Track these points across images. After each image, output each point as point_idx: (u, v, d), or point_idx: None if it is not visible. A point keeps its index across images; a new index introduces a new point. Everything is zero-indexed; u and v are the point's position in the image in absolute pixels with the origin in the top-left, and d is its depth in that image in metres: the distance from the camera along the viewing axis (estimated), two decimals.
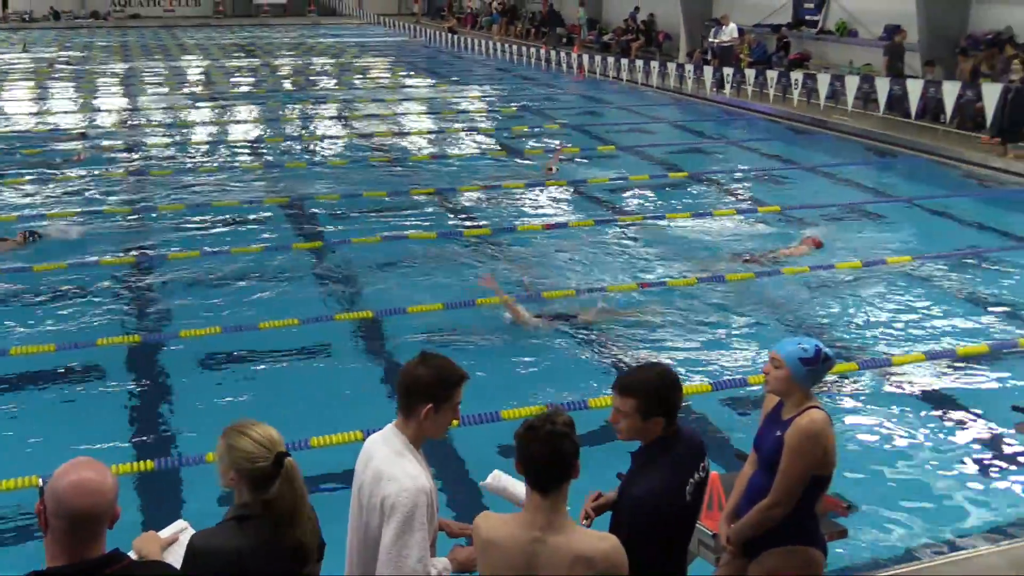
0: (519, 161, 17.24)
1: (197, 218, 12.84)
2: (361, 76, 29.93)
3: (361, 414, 7.06)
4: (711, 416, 7.44)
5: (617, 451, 4.06)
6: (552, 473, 3.19)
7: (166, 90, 26.10)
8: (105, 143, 18.27)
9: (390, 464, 3.45)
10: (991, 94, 16.52)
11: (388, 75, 30.56)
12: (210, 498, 5.62)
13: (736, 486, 4.22)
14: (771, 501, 3.91)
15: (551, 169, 15.97)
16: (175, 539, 3.46)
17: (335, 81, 28.71)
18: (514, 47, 34.30)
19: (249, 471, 3.06)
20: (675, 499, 3.60)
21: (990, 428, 7.34)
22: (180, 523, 3.61)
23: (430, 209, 13.83)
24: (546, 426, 3.18)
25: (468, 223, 13.11)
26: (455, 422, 3.62)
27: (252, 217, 13.18)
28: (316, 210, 13.58)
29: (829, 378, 7.95)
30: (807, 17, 25.80)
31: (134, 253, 11.45)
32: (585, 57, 29.08)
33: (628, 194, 14.86)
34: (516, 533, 3.21)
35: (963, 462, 6.89)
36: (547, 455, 3.16)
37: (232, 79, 28.84)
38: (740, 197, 14.78)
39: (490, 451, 6.86)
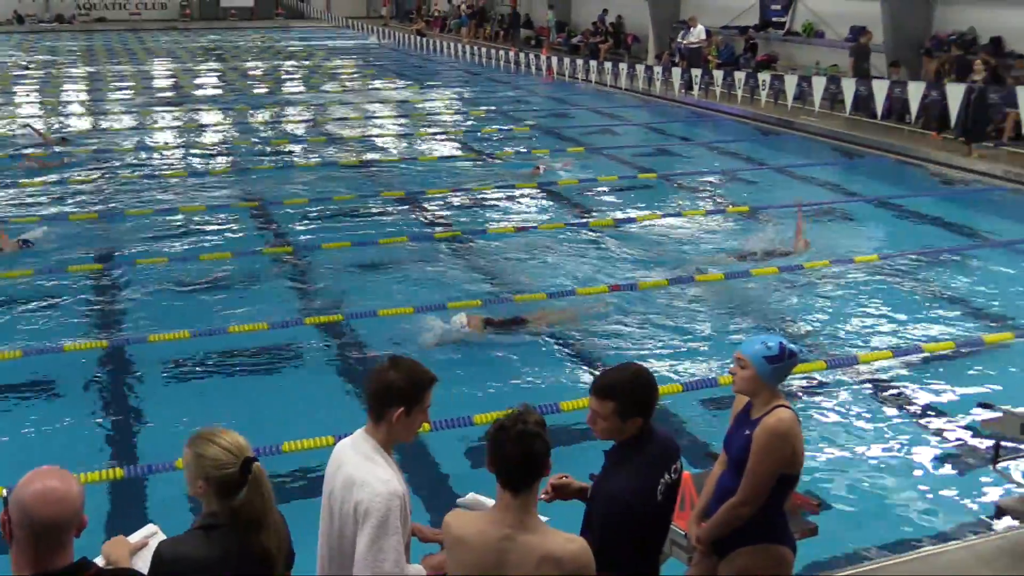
0: (488, 163, 17.24)
1: (165, 222, 12.73)
2: (330, 79, 29.82)
3: (332, 418, 7.05)
4: (683, 416, 7.49)
5: (590, 452, 4.06)
6: (523, 473, 3.19)
7: (132, 94, 25.88)
8: (71, 148, 18.07)
9: (361, 469, 3.43)
10: (955, 94, 16.73)
11: (357, 78, 30.47)
12: (181, 506, 5.58)
13: (706, 486, 4.25)
14: (738, 500, 3.93)
15: (539, 169, 16.13)
16: (144, 544, 3.43)
17: (304, 84, 28.59)
18: (483, 50, 34.32)
19: (218, 478, 3.03)
20: (647, 498, 3.61)
21: (956, 425, 7.42)
22: (150, 527, 3.58)
23: (400, 212, 13.80)
24: (517, 426, 3.18)
25: (438, 226, 13.09)
26: (426, 425, 3.61)
27: (221, 221, 13.09)
28: (285, 214, 13.50)
29: (796, 377, 8.04)
30: (774, 19, 25.98)
31: (101, 258, 11.34)
32: (554, 59, 29.14)
33: (598, 196, 14.91)
34: (486, 530, 3.22)
35: (930, 459, 6.96)
36: (519, 455, 3.17)
37: (199, 83, 28.66)
38: (709, 198, 14.86)
39: (462, 455, 6.87)
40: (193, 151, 18.29)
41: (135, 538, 3.49)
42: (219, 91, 27.02)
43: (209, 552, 3.02)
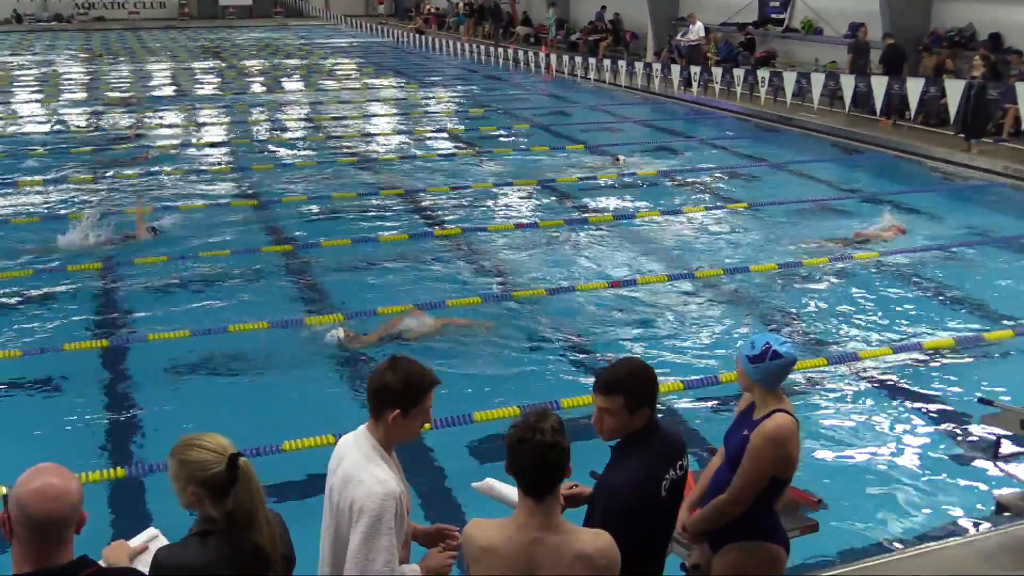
0: (488, 161, 17.24)
1: (164, 221, 12.72)
2: (329, 77, 29.82)
3: (334, 417, 7.04)
4: (684, 414, 7.49)
5: (591, 449, 4.07)
6: (544, 481, 3.20)
7: (131, 92, 25.86)
8: (72, 147, 18.08)
9: (359, 467, 3.43)
10: (954, 90, 16.72)
11: (356, 76, 30.46)
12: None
13: (702, 477, 4.26)
14: (727, 498, 3.94)
15: (619, 159, 16.53)
16: (145, 548, 3.42)
17: (303, 83, 28.58)
18: (482, 47, 34.30)
19: (205, 479, 3.01)
20: (650, 491, 3.60)
21: (957, 420, 7.42)
22: (150, 531, 3.58)
23: (400, 210, 13.81)
24: (536, 436, 3.17)
25: (438, 223, 13.10)
26: (427, 425, 3.60)
27: (220, 219, 13.08)
28: (284, 212, 13.50)
29: (797, 374, 8.04)
30: (773, 15, 25.97)
31: (101, 257, 11.33)
32: (553, 57, 29.12)
33: (598, 193, 14.91)
34: (514, 537, 3.22)
35: (930, 455, 6.96)
36: (538, 466, 3.17)
37: (199, 81, 28.65)
38: (709, 194, 14.86)
39: (464, 453, 6.87)
40: (192, 149, 18.26)
41: (136, 542, 3.49)
42: (218, 89, 27.00)
43: (206, 558, 3.00)
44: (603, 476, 3.72)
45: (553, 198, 14.66)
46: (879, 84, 18.36)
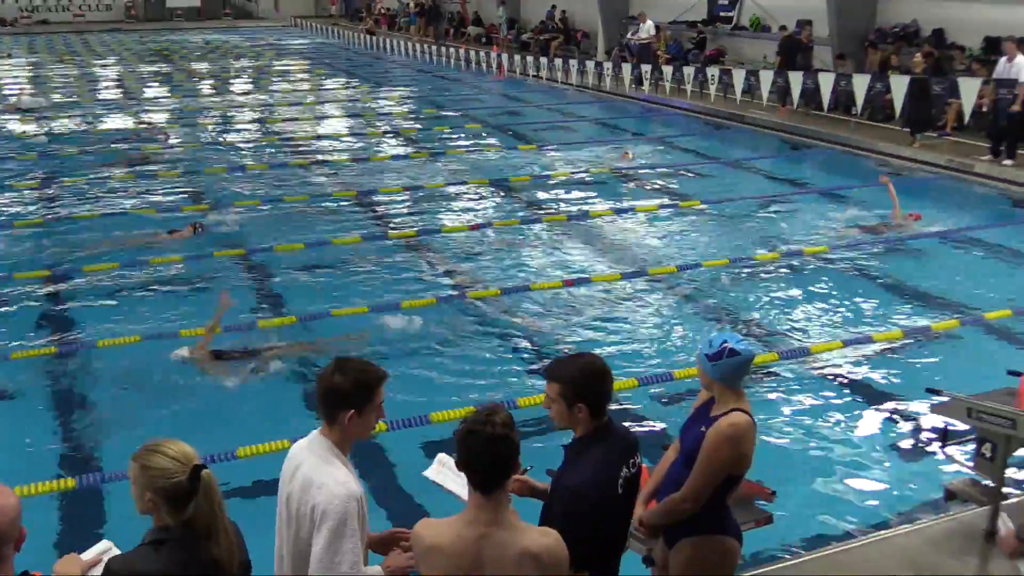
0: (441, 161, 17.23)
1: (114, 226, 12.55)
2: (280, 79, 29.60)
3: (288, 422, 7.02)
4: (641, 410, 7.54)
5: (549, 447, 4.09)
6: (494, 475, 3.21)
7: (78, 97, 25.47)
8: (16, 153, 17.77)
9: (318, 471, 3.41)
10: (899, 86, 17.00)
11: (307, 77, 30.26)
12: (136, 516, 5.51)
13: (657, 469, 4.30)
14: (681, 496, 3.99)
15: (628, 154, 16.75)
16: (98, 561, 3.35)
17: (253, 84, 28.33)
18: (433, 48, 34.23)
19: (166, 488, 2.97)
20: (607, 490, 3.64)
21: (906, 411, 7.56)
22: (104, 544, 3.51)
23: (353, 212, 13.74)
24: (486, 429, 3.19)
25: (392, 225, 13.06)
26: (382, 425, 3.60)
27: (169, 224, 12.91)
28: (236, 216, 13.38)
29: (752, 369, 8.12)
30: (721, 13, 26.23)
31: (49, 264, 11.16)
32: (505, 57, 29.16)
33: (550, 192, 14.96)
34: (462, 533, 3.22)
35: (881, 445, 7.08)
36: (488, 459, 3.18)
37: (147, 84, 28.29)
38: (662, 192, 14.96)
39: (420, 454, 6.85)
40: (140, 153, 18.00)
41: (89, 555, 3.41)
42: (167, 92, 26.69)
43: (159, 567, 2.95)
44: (559, 476, 3.75)
45: (507, 197, 14.68)
46: (827, 81, 18.60)
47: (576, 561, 3.46)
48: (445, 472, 4.02)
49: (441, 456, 4.10)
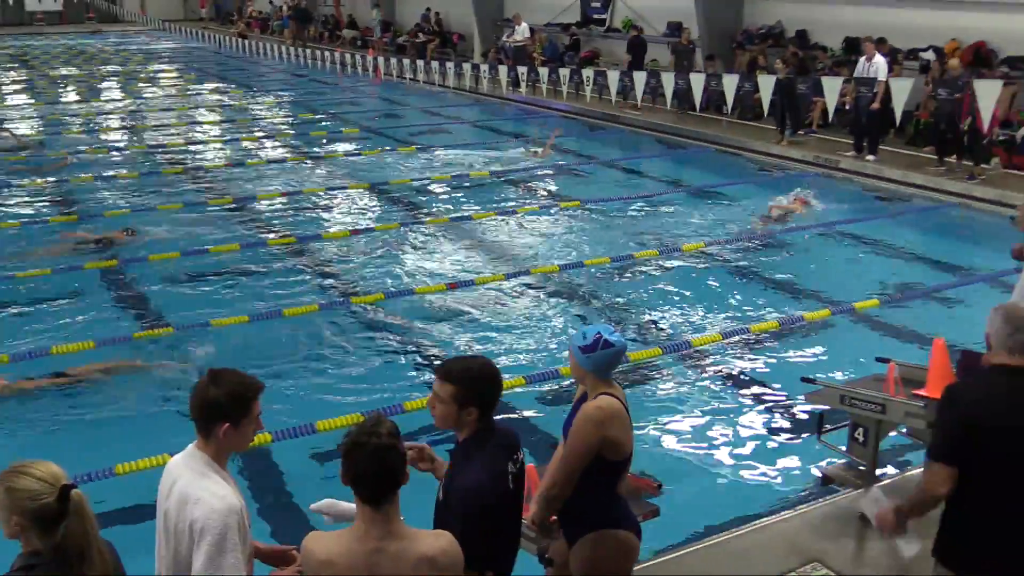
0: (319, 166, 17.01)
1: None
2: (149, 84, 28.75)
3: (167, 435, 6.79)
4: (526, 410, 7.59)
5: (439, 449, 4.06)
6: (383, 486, 3.16)
7: None
8: None
9: (195, 486, 3.32)
10: (766, 85, 17.55)
11: (177, 82, 29.48)
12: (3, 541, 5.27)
13: (547, 469, 4.33)
14: (549, 482, 4.04)
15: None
16: None
17: (121, 90, 27.44)
18: (307, 51, 33.77)
19: (33, 511, 2.84)
20: (500, 486, 3.65)
21: (783, 400, 7.80)
22: None
23: (230, 219, 13.44)
24: (372, 440, 3.13)
25: (271, 232, 12.82)
26: (267, 436, 3.52)
27: (39, 235, 12.40)
28: (106, 225, 12.90)
29: (635, 364, 8.27)
30: (594, 16, 26.62)
31: None
32: (381, 59, 28.96)
33: (431, 195, 14.93)
34: (354, 548, 3.16)
35: (760, 434, 7.30)
36: (376, 470, 3.13)
37: (4, 92, 27.10)
38: (542, 193, 15.10)
39: (307, 464, 6.75)
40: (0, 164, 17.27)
41: None
42: (28, 99, 25.63)
43: None
44: (451, 480, 3.73)
45: (387, 201, 14.59)
46: (698, 81, 19.06)
47: (477, 561, 3.46)
48: (333, 504, 3.88)
49: (328, 500, 3.93)
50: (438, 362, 8.41)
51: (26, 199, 14.55)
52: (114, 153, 18.27)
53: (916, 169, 15.10)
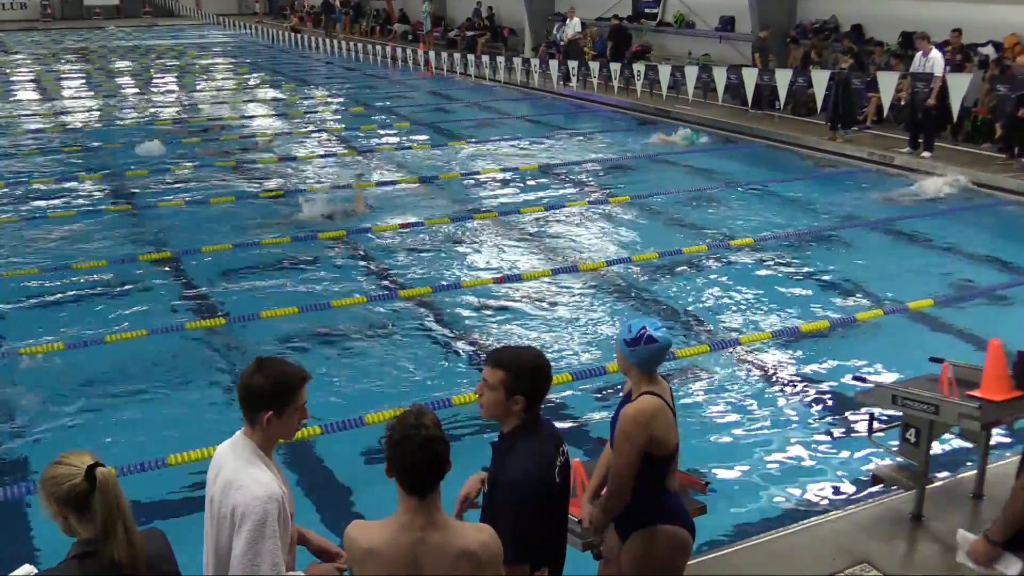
0: (369, 160, 17.11)
1: (35, 232, 12.24)
2: (203, 78, 29.11)
3: (218, 425, 6.89)
4: (572, 406, 7.58)
5: (483, 444, 4.08)
6: (430, 477, 3.18)
7: None
8: None
9: (239, 473, 3.36)
10: (820, 80, 17.32)
11: (231, 76, 29.82)
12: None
13: (597, 466, 4.32)
14: (608, 492, 4.02)
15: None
16: None
17: (176, 84, 27.83)
18: (359, 45, 33.99)
19: (64, 494, 2.90)
20: (547, 477, 3.65)
21: (833, 399, 7.71)
22: (25, 568, 3.40)
23: (281, 211, 13.56)
24: (420, 432, 3.15)
25: (323, 225, 12.91)
26: (316, 428, 3.54)
27: (95, 228, 12.64)
28: (163, 218, 13.12)
29: (684, 362, 8.23)
30: (646, 10, 26.48)
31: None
32: (432, 54, 29.06)
33: (480, 189, 14.95)
34: (397, 538, 3.18)
35: (810, 433, 7.22)
36: (425, 462, 3.15)
37: (65, 84, 27.61)
38: (593, 188, 15.06)
39: (355, 456, 6.81)
40: (61, 155, 17.59)
41: None
42: (87, 92, 26.08)
43: None
44: (496, 472, 3.73)
45: (436, 195, 14.64)
46: (750, 76, 18.89)
47: (531, 554, 3.47)
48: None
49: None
50: (480, 356, 8.46)
51: (87, 193, 14.79)
52: (169, 146, 18.47)
53: (972, 166, 14.82)
